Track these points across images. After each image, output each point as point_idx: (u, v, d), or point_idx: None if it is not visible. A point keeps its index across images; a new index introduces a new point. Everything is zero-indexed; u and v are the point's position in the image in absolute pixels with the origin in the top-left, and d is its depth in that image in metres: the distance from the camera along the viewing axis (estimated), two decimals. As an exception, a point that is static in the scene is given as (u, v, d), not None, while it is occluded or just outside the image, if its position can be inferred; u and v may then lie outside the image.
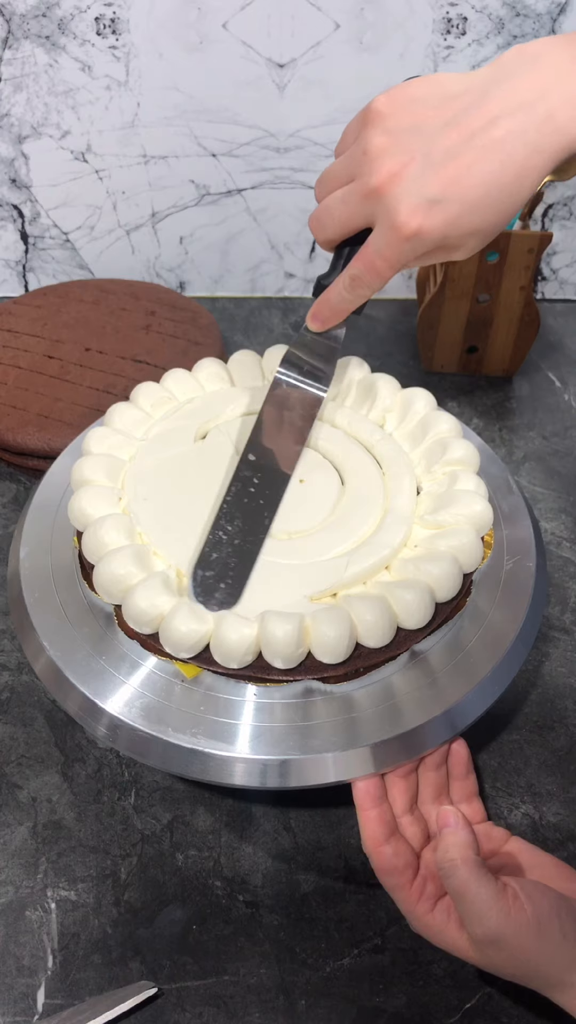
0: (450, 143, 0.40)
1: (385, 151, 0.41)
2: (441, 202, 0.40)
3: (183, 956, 0.48)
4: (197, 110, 0.83)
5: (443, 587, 0.49)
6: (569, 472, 0.77)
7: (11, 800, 0.54)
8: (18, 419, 0.72)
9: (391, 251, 0.42)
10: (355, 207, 0.43)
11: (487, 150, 0.39)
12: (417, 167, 0.40)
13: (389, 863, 0.46)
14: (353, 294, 0.47)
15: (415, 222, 0.40)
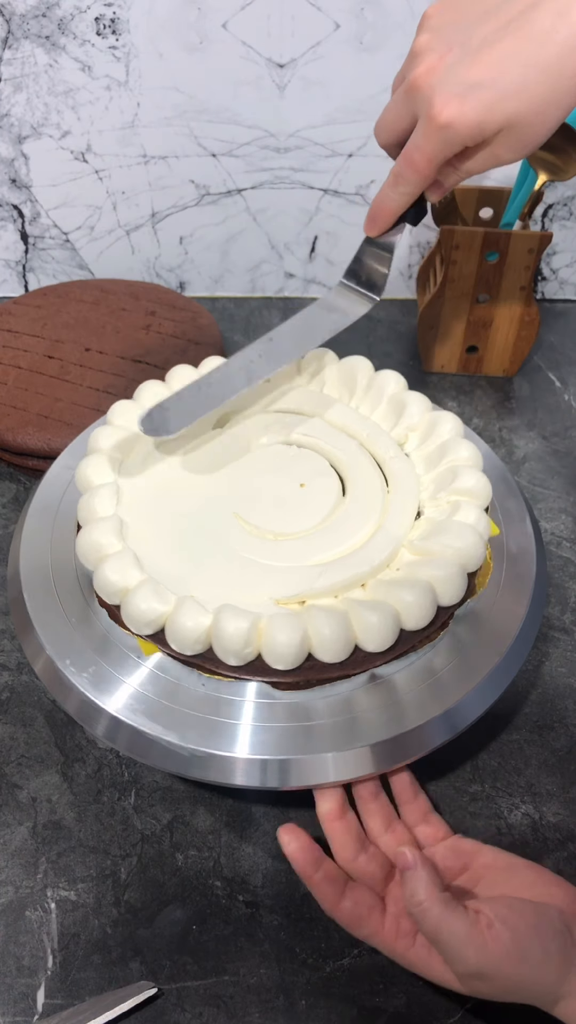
0: (487, 30, 0.39)
1: (427, 46, 0.41)
2: (477, 88, 0.39)
3: (183, 956, 0.48)
4: (197, 110, 0.83)
5: (412, 615, 0.47)
6: (569, 472, 0.77)
7: (11, 800, 0.54)
8: (18, 419, 0.72)
9: (427, 142, 0.41)
10: (400, 105, 0.43)
11: (526, 33, 0.38)
12: (454, 56, 0.40)
13: (351, 916, 0.44)
14: (396, 191, 0.46)
15: (450, 109, 0.39)
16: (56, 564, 0.54)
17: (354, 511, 0.53)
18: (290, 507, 0.53)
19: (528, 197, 0.76)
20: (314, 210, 0.91)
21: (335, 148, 0.86)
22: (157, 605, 0.47)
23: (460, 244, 0.75)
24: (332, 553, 0.51)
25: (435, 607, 0.48)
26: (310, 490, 0.54)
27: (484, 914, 0.40)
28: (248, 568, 0.50)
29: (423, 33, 0.42)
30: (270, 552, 0.51)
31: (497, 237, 0.75)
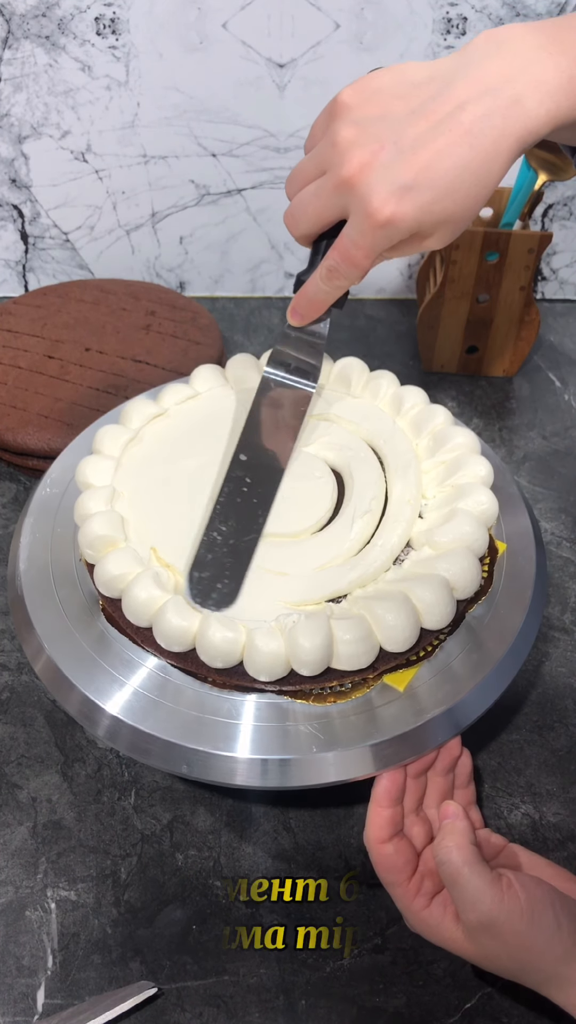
0: (419, 130, 0.40)
1: (354, 142, 0.41)
2: (413, 188, 0.40)
3: (183, 956, 0.48)
4: (197, 110, 0.83)
5: (389, 637, 0.46)
6: (569, 472, 0.77)
7: (11, 800, 0.54)
8: (18, 419, 0.72)
9: (365, 240, 0.42)
10: (327, 199, 0.43)
11: (455, 135, 0.39)
12: (387, 155, 0.40)
13: (390, 860, 0.46)
14: (330, 285, 0.46)
15: (388, 209, 0.40)
16: (56, 564, 0.54)
17: (348, 515, 0.53)
18: (285, 508, 0.53)
19: (528, 197, 0.76)
20: (314, 210, 0.91)
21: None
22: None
23: (460, 244, 0.75)
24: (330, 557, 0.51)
25: (415, 627, 0.47)
26: (306, 493, 0.54)
27: (506, 876, 0.43)
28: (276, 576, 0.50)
29: (346, 125, 0.42)
30: (283, 556, 0.51)
31: (497, 237, 0.75)
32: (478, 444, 0.56)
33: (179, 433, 0.58)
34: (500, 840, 0.49)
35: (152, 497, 0.54)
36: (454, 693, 0.48)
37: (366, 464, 0.55)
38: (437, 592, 0.47)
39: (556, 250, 0.94)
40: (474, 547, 0.50)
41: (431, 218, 0.41)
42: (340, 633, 0.45)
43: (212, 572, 0.49)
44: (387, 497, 0.54)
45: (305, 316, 0.50)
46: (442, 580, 0.48)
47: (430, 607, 0.47)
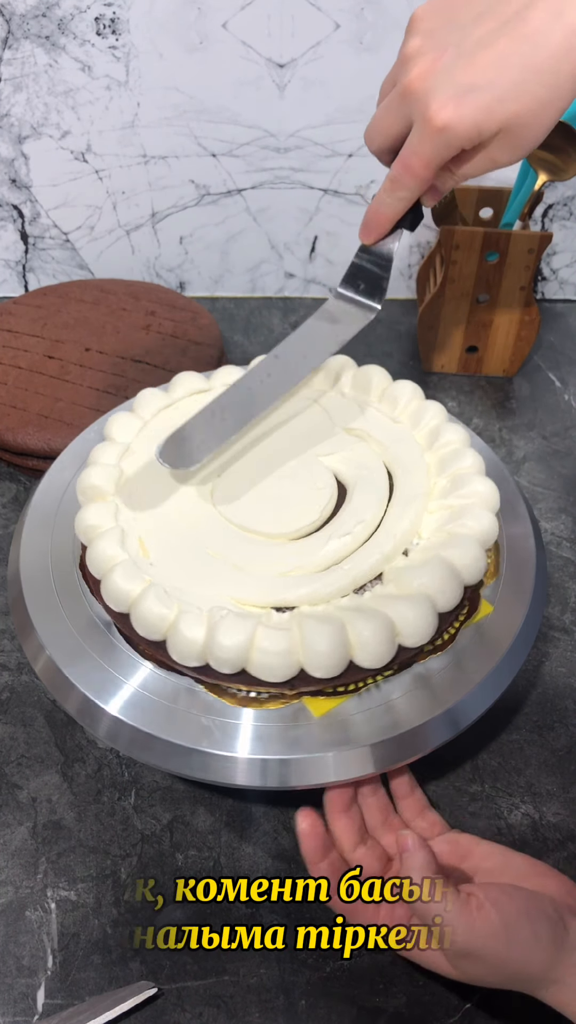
0: (482, 32, 0.39)
1: (419, 50, 0.40)
2: (473, 90, 0.38)
3: (183, 956, 0.48)
4: (197, 110, 0.83)
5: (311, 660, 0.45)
6: (569, 472, 0.77)
7: (11, 800, 0.54)
8: (18, 419, 0.72)
9: (424, 146, 0.41)
10: (394, 110, 0.42)
11: (520, 34, 0.38)
12: (448, 59, 0.39)
13: (349, 905, 0.45)
14: (393, 197, 0.46)
15: (446, 112, 0.39)
16: (56, 564, 0.54)
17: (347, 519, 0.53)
18: (274, 508, 0.53)
19: (528, 197, 0.76)
20: (314, 210, 0.91)
21: (335, 148, 0.86)
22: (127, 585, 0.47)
23: (460, 244, 0.75)
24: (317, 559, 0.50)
25: (391, 643, 0.46)
26: (300, 498, 0.53)
27: (475, 896, 0.41)
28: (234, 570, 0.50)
29: (413, 37, 0.41)
30: (251, 553, 0.51)
31: (497, 237, 0.75)
32: (495, 498, 0.53)
33: None
34: (468, 839, 0.48)
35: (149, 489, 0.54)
36: (454, 693, 0.48)
37: (371, 487, 0.54)
38: (377, 632, 0.45)
39: (556, 250, 0.94)
40: (436, 599, 0.47)
41: (492, 121, 0.39)
42: (260, 641, 0.44)
43: (187, 439, 0.51)
44: (380, 525, 0.52)
45: (371, 230, 0.49)
46: (387, 621, 0.46)
47: (365, 643, 0.45)
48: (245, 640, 0.45)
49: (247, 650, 0.45)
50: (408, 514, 0.52)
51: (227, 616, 0.46)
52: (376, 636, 0.45)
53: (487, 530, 0.51)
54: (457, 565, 0.48)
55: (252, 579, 0.49)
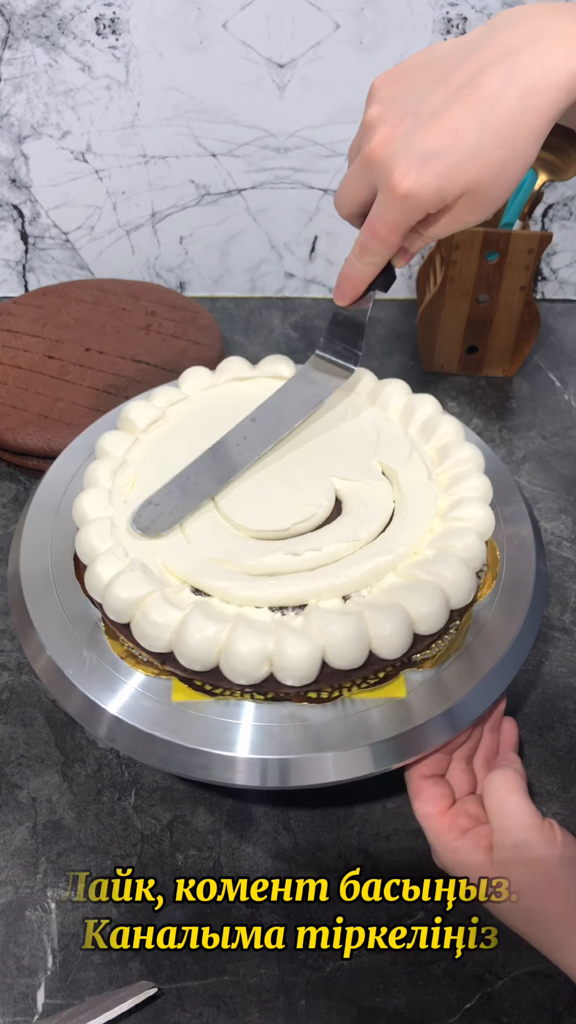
0: (439, 98, 0.39)
1: (378, 118, 0.41)
2: (433, 156, 0.39)
3: (183, 956, 0.48)
4: (197, 110, 0.83)
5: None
6: (569, 472, 0.77)
7: (11, 800, 0.54)
8: (18, 419, 0.72)
9: (389, 213, 0.42)
10: (358, 177, 0.43)
11: (476, 98, 0.38)
12: (407, 126, 0.40)
13: (427, 791, 0.48)
14: (363, 262, 0.46)
15: (408, 180, 0.39)
16: (56, 564, 0.54)
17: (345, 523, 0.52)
18: (274, 506, 0.53)
19: (528, 197, 0.76)
20: (314, 210, 0.91)
21: (335, 148, 0.86)
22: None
23: (460, 244, 0.75)
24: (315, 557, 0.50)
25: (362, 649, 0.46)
26: (291, 506, 0.53)
27: (549, 819, 0.45)
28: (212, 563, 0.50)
29: (373, 104, 0.42)
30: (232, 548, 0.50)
31: (497, 237, 0.75)
32: (488, 525, 0.51)
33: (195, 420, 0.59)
34: None
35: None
36: (454, 693, 0.48)
37: (364, 516, 0.52)
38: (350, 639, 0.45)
39: (556, 250, 0.94)
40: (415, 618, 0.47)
41: (454, 185, 0.39)
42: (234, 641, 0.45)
43: (161, 504, 0.51)
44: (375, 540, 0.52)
45: (345, 294, 0.50)
46: (362, 629, 0.45)
47: (338, 647, 0.45)
48: (214, 636, 0.45)
49: (217, 648, 0.45)
50: (398, 542, 0.51)
51: (192, 611, 0.46)
52: (349, 643, 0.45)
53: (478, 555, 0.50)
54: (444, 586, 0.47)
55: (226, 572, 0.49)
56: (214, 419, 0.57)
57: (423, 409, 0.58)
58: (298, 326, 0.94)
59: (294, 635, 0.45)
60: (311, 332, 0.93)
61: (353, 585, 0.48)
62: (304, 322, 0.94)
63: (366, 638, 0.45)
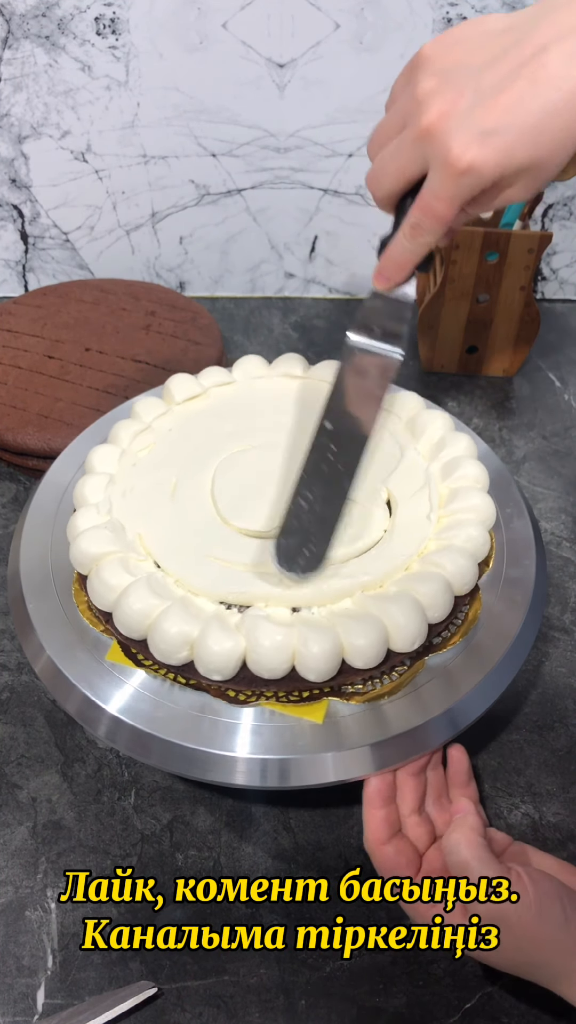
0: (500, 75, 0.39)
1: (434, 91, 0.40)
2: (494, 133, 0.39)
3: (183, 956, 0.48)
4: (197, 110, 0.83)
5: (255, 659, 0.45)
6: (569, 472, 0.77)
7: (11, 800, 0.54)
8: (18, 419, 0.72)
9: (447, 190, 0.41)
10: (408, 153, 0.42)
11: (538, 77, 0.38)
12: (467, 102, 0.39)
13: (392, 861, 0.46)
14: (415, 243, 0.45)
15: (469, 155, 0.39)
16: (56, 564, 0.54)
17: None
18: (263, 505, 0.53)
19: (528, 197, 0.76)
20: (314, 210, 0.91)
21: (335, 148, 0.86)
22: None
23: (460, 244, 0.75)
24: None
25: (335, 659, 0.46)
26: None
27: (515, 869, 0.43)
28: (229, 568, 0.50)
29: (427, 77, 0.41)
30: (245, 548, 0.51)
31: (497, 237, 0.75)
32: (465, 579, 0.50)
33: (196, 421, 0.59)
34: (504, 837, 0.49)
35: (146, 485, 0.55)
36: (454, 693, 0.48)
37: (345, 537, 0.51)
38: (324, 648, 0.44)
39: (556, 250, 0.94)
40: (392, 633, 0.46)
41: (514, 163, 0.39)
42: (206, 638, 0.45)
43: (299, 538, 0.48)
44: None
45: (391, 278, 0.49)
46: (335, 638, 0.45)
47: (310, 654, 0.44)
48: (190, 632, 0.45)
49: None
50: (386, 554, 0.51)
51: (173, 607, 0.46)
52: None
53: (463, 572, 0.49)
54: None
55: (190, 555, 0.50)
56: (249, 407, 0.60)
57: (453, 448, 0.56)
58: (298, 326, 0.94)
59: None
60: (311, 332, 0.93)
61: (304, 600, 0.48)
62: (304, 322, 0.94)
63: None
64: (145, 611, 0.46)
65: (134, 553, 0.50)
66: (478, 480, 0.54)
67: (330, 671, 0.45)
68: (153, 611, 0.46)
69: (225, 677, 0.45)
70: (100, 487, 0.54)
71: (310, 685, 0.46)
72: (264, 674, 0.45)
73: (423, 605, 0.47)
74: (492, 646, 0.50)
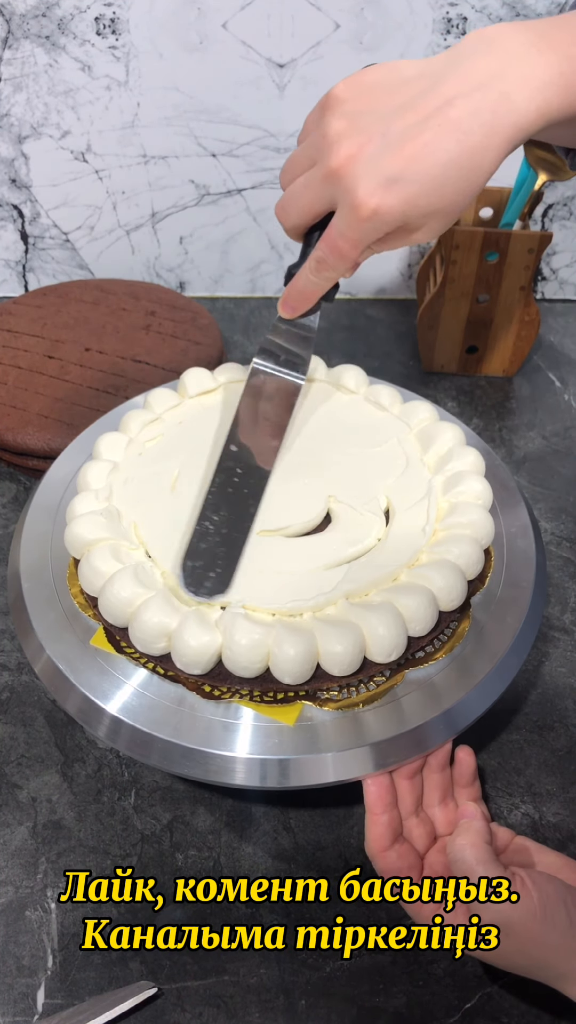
0: (407, 124, 0.40)
1: (343, 134, 0.41)
2: (399, 181, 0.40)
3: (183, 956, 0.48)
4: (197, 110, 0.83)
5: (228, 655, 0.45)
6: (569, 472, 0.77)
7: (11, 800, 0.54)
8: (18, 419, 0.72)
9: (352, 231, 0.42)
10: (316, 190, 0.43)
11: (443, 129, 0.39)
12: (375, 147, 0.40)
13: (393, 866, 0.46)
14: (319, 277, 0.47)
15: (374, 201, 0.40)
16: (56, 564, 0.54)
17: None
18: (275, 504, 0.53)
19: (528, 197, 0.76)
20: (314, 210, 0.91)
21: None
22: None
23: (460, 244, 0.75)
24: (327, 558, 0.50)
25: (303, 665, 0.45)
26: (287, 499, 0.53)
27: (519, 874, 0.43)
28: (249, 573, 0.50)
29: (336, 118, 0.42)
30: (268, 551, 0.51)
31: (497, 237, 0.75)
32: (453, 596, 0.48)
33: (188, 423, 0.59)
34: (507, 833, 0.49)
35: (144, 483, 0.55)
36: (453, 693, 0.48)
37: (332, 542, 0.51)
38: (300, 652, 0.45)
39: (556, 250, 0.94)
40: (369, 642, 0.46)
41: (417, 211, 0.41)
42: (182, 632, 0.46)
43: (205, 561, 0.49)
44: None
45: (296, 308, 0.51)
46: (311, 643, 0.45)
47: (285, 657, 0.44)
48: (169, 624, 0.46)
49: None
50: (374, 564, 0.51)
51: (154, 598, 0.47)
52: (298, 655, 0.44)
53: (451, 587, 0.48)
54: (404, 614, 0.46)
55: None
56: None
57: (459, 462, 0.55)
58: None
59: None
60: (311, 332, 0.93)
61: (285, 604, 0.48)
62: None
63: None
64: (128, 599, 0.47)
65: (127, 541, 0.51)
66: (479, 497, 0.53)
67: (304, 674, 0.45)
68: (136, 600, 0.47)
69: (201, 671, 0.46)
70: (103, 473, 0.55)
71: (285, 687, 0.46)
72: (239, 672, 0.45)
73: (405, 617, 0.46)
74: (492, 646, 0.50)
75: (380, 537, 0.52)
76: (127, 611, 0.47)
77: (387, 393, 0.61)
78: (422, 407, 0.59)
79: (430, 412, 0.59)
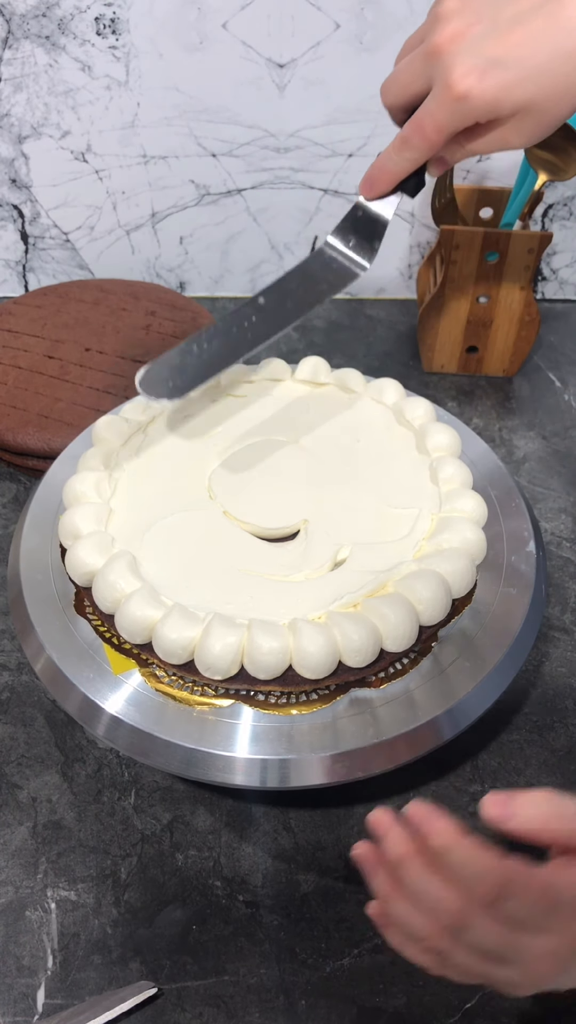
0: (519, 10, 0.39)
1: (453, 12, 0.40)
2: (498, 65, 0.39)
3: (183, 956, 0.48)
4: (197, 110, 0.83)
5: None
6: (569, 472, 0.77)
7: (11, 800, 0.54)
8: (18, 419, 0.72)
9: (440, 111, 0.41)
10: (417, 67, 0.42)
11: (557, 18, 0.38)
12: (482, 29, 0.39)
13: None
14: (400, 156, 0.45)
15: (467, 82, 0.39)
16: (56, 564, 0.54)
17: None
18: (251, 496, 0.53)
19: (528, 197, 0.76)
20: (314, 210, 0.91)
21: (335, 148, 0.86)
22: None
23: (460, 244, 0.75)
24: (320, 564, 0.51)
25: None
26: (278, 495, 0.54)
27: None
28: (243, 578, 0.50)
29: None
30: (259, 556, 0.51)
31: (497, 237, 0.75)
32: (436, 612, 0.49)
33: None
34: None
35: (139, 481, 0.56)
36: (454, 693, 0.48)
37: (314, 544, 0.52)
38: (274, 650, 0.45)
39: (556, 250, 0.94)
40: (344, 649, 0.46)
41: (511, 100, 0.39)
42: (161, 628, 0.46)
43: (169, 370, 0.49)
44: None
45: (374, 185, 0.49)
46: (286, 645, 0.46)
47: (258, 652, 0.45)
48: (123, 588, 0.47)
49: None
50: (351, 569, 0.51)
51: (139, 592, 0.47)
52: (274, 654, 0.45)
53: (432, 597, 0.48)
54: (379, 625, 0.46)
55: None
56: None
57: (455, 472, 0.56)
58: (298, 326, 0.94)
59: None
60: (311, 332, 0.93)
61: (270, 609, 0.49)
62: (304, 322, 0.94)
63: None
64: (116, 587, 0.48)
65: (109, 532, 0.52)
66: (471, 514, 0.53)
67: (279, 667, 0.45)
68: (125, 590, 0.48)
69: (178, 662, 0.46)
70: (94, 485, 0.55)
71: (306, 683, 0.46)
72: (215, 675, 0.46)
73: (379, 629, 0.46)
74: (492, 646, 0.50)
75: (367, 541, 0.52)
76: (118, 598, 0.48)
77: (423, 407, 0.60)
78: (419, 404, 0.60)
79: (427, 411, 0.60)
